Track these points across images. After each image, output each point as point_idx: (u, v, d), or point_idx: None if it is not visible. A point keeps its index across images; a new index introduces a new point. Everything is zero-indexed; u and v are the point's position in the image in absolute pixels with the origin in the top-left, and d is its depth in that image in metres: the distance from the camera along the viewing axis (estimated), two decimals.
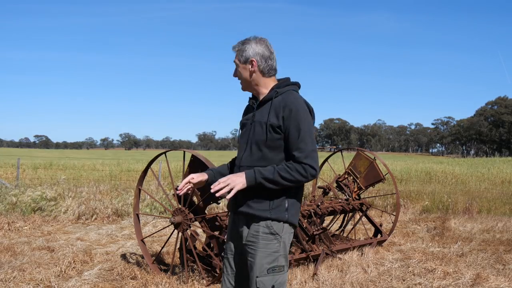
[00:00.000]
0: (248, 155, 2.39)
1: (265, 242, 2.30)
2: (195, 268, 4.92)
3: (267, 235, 2.30)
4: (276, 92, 2.38)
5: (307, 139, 2.27)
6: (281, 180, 2.23)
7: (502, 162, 31.57)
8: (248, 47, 2.40)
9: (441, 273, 4.92)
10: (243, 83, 2.49)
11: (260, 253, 2.29)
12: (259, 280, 2.28)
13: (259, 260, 2.29)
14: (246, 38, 2.44)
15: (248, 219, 2.36)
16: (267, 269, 2.28)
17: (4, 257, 5.41)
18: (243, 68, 2.44)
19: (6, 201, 8.61)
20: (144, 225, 7.78)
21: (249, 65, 2.42)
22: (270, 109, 2.35)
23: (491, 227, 8.11)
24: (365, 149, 8.64)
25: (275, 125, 2.30)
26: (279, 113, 2.31)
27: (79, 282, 4.48)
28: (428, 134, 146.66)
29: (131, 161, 26.88)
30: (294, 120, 2.27)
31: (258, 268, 2.29)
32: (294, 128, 2.27)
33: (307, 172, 2.24)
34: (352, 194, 6.50)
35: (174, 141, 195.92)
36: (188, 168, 4.76)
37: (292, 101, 2.31)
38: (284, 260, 2.35)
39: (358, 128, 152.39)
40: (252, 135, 2.39)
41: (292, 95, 2.37)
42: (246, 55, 2.41)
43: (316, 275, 4.77)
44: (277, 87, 2.41)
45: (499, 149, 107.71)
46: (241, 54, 2.42)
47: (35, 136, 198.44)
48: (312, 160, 2.25)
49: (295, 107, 2.29)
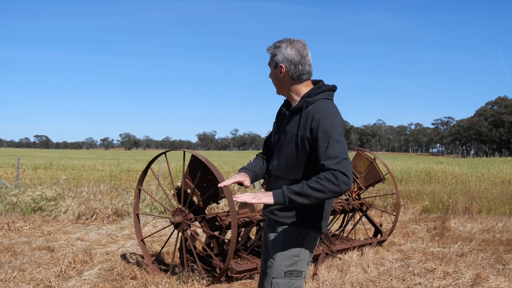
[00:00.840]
0: (277, 165, 2.36)
1: (287, 244, 2.30)
2: (195, 268, 4.92)
3: (289, 238, 2.30)
4: (306, 102, 2.28)
5: (336, 147, 2.13)
6: (311, 191, 2.05)
7: (502, 162, 31.57)
8: (278, 51, 2.32)
9: (441, 273, 4.92)
10: (276, 87, 2.42)
11: (280, 254, 2.30)
12: (275, 281, 2.28)
13: (278, 262, 2.29)
14: (280, 40, 2.36)
15: (273, 221, 2.37)
16: (284, 272, 2.28)
17: (4, 257, 5.41)
18: (274, 72, 2.37)
19: (6, 201, 8.61)
20: (144, 225, 7.78)
21: (279, 70, 2.34)
22: (300, 121, 2.26)
23: (491, 227, 8.11)
24: (365, 149, 8.64)
25: (304, 138, 2.23)
26: (308, 124, 2.22)
27: (79, 282, 4.48)
28: (428, 134, 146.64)
29: (131, 161, 26.89)
30: (322, 130, 2.16)
31: (276, 269, 2.29)
32: (323, 138, 2.15)
33: (338, 180, 2.03)
34: (352, 194, 6.50)
35: (174, 141, 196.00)
36: (188, 168, 4.75)
37: (320, 111, 2.22)
38: (304, 266, 2.32)
39: (358, 128, 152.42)
40: (282, 145, 2.35)
41: (322, 104, 2.26)
42: (276, 60, 2.33)
43: (316, 275, 4.77)
44: (308, 95, 2.30)
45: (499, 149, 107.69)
46: (272, 58, 2.35)
47: (35, 136, 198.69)
48: (343, 166, 2.06)
49: (323, 117, 2.19)
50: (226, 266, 4.34)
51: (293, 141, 2.28)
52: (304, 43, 2.34)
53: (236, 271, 4.46)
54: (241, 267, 4.52)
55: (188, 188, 4.71)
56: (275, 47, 2.33)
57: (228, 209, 5.03)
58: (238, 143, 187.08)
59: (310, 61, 2.35)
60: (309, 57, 2.35)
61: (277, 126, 2.48)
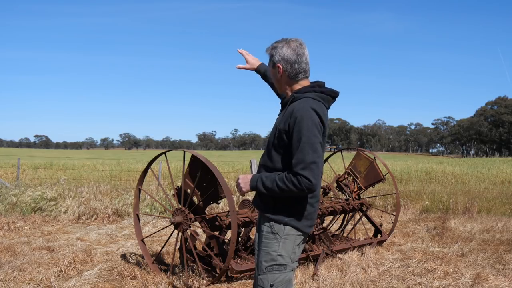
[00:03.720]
0: (263, 154, 2.48)
1: (266, 241, 2.37)
2: (195, 268, 4.92)
3: (268, 234, 2.37)
4: (293, 97, 2.36)
5: (306, 149, 2.19)
6: (277, 189, 2.24)
7: (502, 162, 31.61)
8: (275, 52, 2.40)
9: (441, 273, 4.92)
10: (276, 85, 2.53)
11: (261, 251, 2.38)
12: (259, 277, 2.36)
13: (260, 258, 2.37)
14: (278, 40, 2.44)
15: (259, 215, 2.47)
16: (265, 267, 2.34)
17: (4, 257, 5.41)
18: (273, 72, 2.47)
19: (6, 201, 8.61)
20: (144, 225, 7.78)
21: (276, 70, 2.43)
22: (284, 114, 2.36)
23: (491, 227, 8.10)
24: (365, 149, 8.64)
25: (282, 130, 2.31)
26: (288, 119, 2.30)
27: (79, 282, 4.48)
28: (428, 134, 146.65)
29: (131, 161, 26.89)
30: (297, 128, 2.23)
31: (258, 266, 2.38)
32: (296, 137, 2.23)
33: (301, 185, 2.18)
34: (352, 194, 6.49)
35: (174, 141, 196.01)
36: (188, 168, 4.75)
37: (299, 109, 2.25)
38: (285, 259, 2.34)
39: (358, 128, 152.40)
40: (269, 136, 2.49)
41: (304, 102, 2.29)
42: (274, 60, 2.42)
43: (316, 275, 4.77)
44: (297, 92, 2.38)
45: (499, 149, 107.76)
46: (271, 58, 2.46)
47: (35, 136, 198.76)
48: (309, 172, 2.17)
49: (300, 115, 2.23)
50: (226, 266, 4.34)
51: (272, 133, 2.41)
52: (301, 42, 2.39)
53: (236, 271, 4.46)
54: (241, 267, 4.52)
55: (188, 188, 4.71)
56: (273, 48, 2.42)
57: (228, 209, 5.03)
58: (238, 143, 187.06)
59: (307, 59, 2.39)
60: (306, 56, 2.39)
61: None
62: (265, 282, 2.32)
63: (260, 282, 2.34)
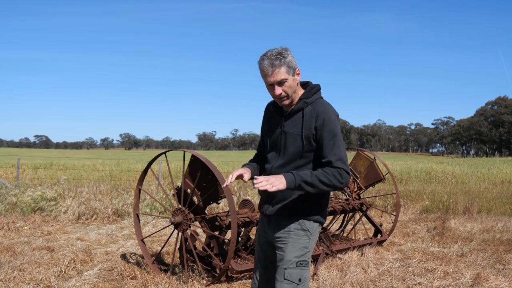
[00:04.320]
0: (281, 165, 2.44)
1: (297, 237, 2.42)
2: (195, 268, 4.92)
3: (298, 231, 2.42)
4: (306, 102, 2.40)
5: (341, 146, 2.35)
6: (319, 184, 2.28)
7: (502, 162, 31.62)
8: (288, 60, 2.34)
9: (441, 273, 4.92)
10: (292, 96, 2.41)
11: (290, 247, 2.41)
12: (287, 271, 2.38)
13: (289, 254, 2.40)
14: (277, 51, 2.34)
15: (279, 218, 2.46)
16: (296, 262, 2.39)
17: (4, 257, 5.41)
18: (293, 79, 2.38)
19: (6, 201, 8.61)
20: (144, 225, 7.78)
21: (296, 75, 2.39)
22: (303, 120, 2.38)
23: (491, 227, 8.10)
24: (365, 149, 8.64)
25: (309, 136, 2.36)
26: (312, 123, 2.35)
27: (79, 282, 4.48)
28: (428, 134, 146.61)
29: (131, 161, 26.90)
30: (328, 128, 2.33)
31: (288, 261, 2.40)
32: (329, 136, 2.33)
33: (343, 178, 2.30)
34: (352, 194, 6.49)
35: (174, 141, 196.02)
36: (188, 168, 4.75)
37: (324, 111, 2.36)
38: (310, 257, 2.46)
39: (358, 128, 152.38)
40: (284, 145, 2.44)
41: (322, 104, 2.41)
42: (294, 66, 2.37)
43: (316, 275, 4.77)
44: (305, 96, 2.41)
45: (499, 149, 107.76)
46: (289, 66, 2.35)
47: (35, 136, 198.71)
48: (346, 166, 2.32)
49: (327, 116, 2.35)
50: (226, 266, 4.34)
51: (296, 140, 2.39)
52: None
53: (236, 271, 4.46)
54: (241, 267, 4.52)
55: (188, 188, 4.72)
56: (283, 57, 2.33)
57: (228, 209, 5.03)
58: (238, 143, 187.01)
59: None
60: None
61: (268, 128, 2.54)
62: (294, 276, 2.37)
63: (289, 276, 2.37)
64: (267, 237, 2.57)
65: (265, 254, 2.60)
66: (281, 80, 2.34)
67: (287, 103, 2.42)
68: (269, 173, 2.48)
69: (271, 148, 2.52)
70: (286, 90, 2.37)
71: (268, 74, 2.34)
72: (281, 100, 2.41)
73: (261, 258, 2.62)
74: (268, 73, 2.33)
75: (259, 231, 2.65)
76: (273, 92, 2.38)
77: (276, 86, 2.36)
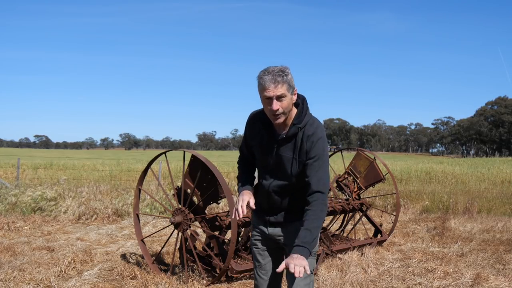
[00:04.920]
0: (278, 185, 2.52)
1: None
2: (195, 268, 4.92)
3: None
4: (299, 128, 2.44)
5: (325, 169, 2.44)
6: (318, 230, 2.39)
7: (502, 162, 31.61)
8: (291, 77, 2.38)
9: (441, 273, 4.92)
10: (287, 114, 2.42)
11: None
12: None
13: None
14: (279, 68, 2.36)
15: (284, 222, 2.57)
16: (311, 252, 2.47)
17: (4, 257, 5.41)
18: (291, 98, 2.40)
19: (6, 201, 8.62)
20: (144, 225, 7.78)
21: (293, 95, 2.41)
22: (295, 146, 2.44)
23: (491, 227, 8.11)
24: (365, 149, 8.65)
25: (302, 159, 2.44)
26: (304, 147, 2.43)
27: (79, 282, 4.48)
28: (428, 134, 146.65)
29: (131, 161, 26.91)
30: (315, 149, 2.41)
31: None
32: (316, 157, 2.41)
33: (326, 203, 2.42)
34: (352, 194, 6.50)
35: (174, 141, 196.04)
36: (188, 168, 4.76)
37: (313, 134, 2.43)
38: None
39: (358, 128, 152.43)
40: (279, 167, 2.50)
41: (311, 126, 2.45)
42: (293, 85, 2.40)
43: (316, 275, 4.77)
44: (298, 121, 2.44)
45: (499, 149, 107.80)
46: (290, 84, 2.36)
47: (35, 136, 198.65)
48: (326, 189, 2.44)
49: (316, 137, 2.42)
50: (226, 266, 4.34)
51: (292, 163, 2.47)
52: None
53: (236, 271, 4.46)
54: (241, 267, 4.52)
55: (188, 188, 4.72)
56: (285, 75, 2.35)
57: (228, 209, 5.03)
58: (238, 143, 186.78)
59: None
60: None
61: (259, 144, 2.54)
62: (310, 265, 2.46)
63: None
64: (268, 236, 2.62)
65: (269, 247, 2.65)
66: (281, 95, 2.33)
67: (281, 120, 2.40)
68: (266, 190, 2.54)
69: (264, 165, 2.56)
70: (283, 106, 2.36)
71: (268, 88, 2.33)
72: (276, 117, 2.39)
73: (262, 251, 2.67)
74: (269, 87, 2.33)
75: (255, 229, 2.68)
76: (271, 107, 2.36)
77: (274, 100, 2.34)
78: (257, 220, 2.67)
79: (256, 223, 2.68)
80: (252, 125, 2.58)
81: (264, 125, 2.51)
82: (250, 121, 2.60)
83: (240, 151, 2.72)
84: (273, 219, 2.57)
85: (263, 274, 2.67)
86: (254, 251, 2.70)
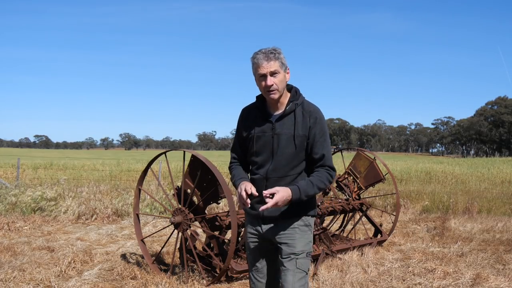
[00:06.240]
0: (277, 167, 2.51)
1: (302, 232, 2.57)
2: (195, 268, 4.92)
3: (303, 227, 2.57)
4: (296, 104, 2.52)
5: (329, 144, 2.54)
6: (318, 191, 2.47)
7: (502, 162, 31.63)
8: (283, 56, 2.46)
9: (441, 273, 4.92)
10: (281, 91, 2.49)
11: (298, 241, 2.55)
12: (299, 261, 2.54)
13: (299, 246, 2.55)
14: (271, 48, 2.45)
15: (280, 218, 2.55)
16: (306, 253, 2.57)
17: (4, 257, 5.41)
18: (284, 76, 2.47)
19: (6, 201, 8.61)
20: (144, 225, 7.78)
21: (287, 73, 2.49)
22: (295, 121, 2.49)
23: (491, 227, 8.11)
24: (365, 149, 8.65)
25: (303, 135, 2.48)
26: (306, 122, 2.49)
27: (79, 282, 4.48)
28: (428, 134, 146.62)
29: (131, 161, 26.90)
30: (319, 126, 2.49)
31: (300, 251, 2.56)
32: (320, 134, 2.49)
33: (332, 177, 2.50)
34: (352, 194, 6.49)
35: (174, 141, 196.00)
36: (188, 168, 4.76)
37: (315, 111, 2.53)
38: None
39: (358, 128, 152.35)
40: (277, 147, 2.50)
41: (311, 104, 2.57)
42: (286, 64, 2.48)
43: (316, 275, 4.77)
44: (294, 99, 2.53)
45: (499, 149, 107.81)
46: (282, 62, 2.45)
47: (35, 136, 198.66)
48: (332, 162, 2.53)
49: (319, 116, 2.52)
50: (226, 266, 4.34)
51: (291, 140, 2.48)
52: None
53: (236, 271, 4.46)
54: (241, 267, 4.52)
55: (188, 188, 4.72)
56: (278, 53, 2.44)
57: (228, 209, 5.03)
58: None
59: None
60: None
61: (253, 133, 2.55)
62: (305, 266, 2.55)
63: (300, 265, 2.53)
64: (262, 235, 2.59)
65: (264, 249, 2.64)
66: (274, 71, 2.42)
67: (276, 97, 2.47)
68: (264, 176, 2.52)
69: (259, 152, 2.55)
70: (277, 83, 2.44)
71: (262, 65, 2.42)
72: (270, 92, 2.45)
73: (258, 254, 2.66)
74: (263, 64, 2.42)
75: (250, 230, 2.65)
76: (265, 83, 2.44)
77: (268, 76, 2.43)
78: (251, 220, 2.64)
79: (250, 223, 2.65)
80: (247, 115, 2.63)
81: (260, 110, 2.57)
82: (244, 113, 2.66)
83: (233, 152, 2.72)
84: (267, 212, 2.52)
85: (261, 278, 2.67)
86: (250, 255, 2.69)
